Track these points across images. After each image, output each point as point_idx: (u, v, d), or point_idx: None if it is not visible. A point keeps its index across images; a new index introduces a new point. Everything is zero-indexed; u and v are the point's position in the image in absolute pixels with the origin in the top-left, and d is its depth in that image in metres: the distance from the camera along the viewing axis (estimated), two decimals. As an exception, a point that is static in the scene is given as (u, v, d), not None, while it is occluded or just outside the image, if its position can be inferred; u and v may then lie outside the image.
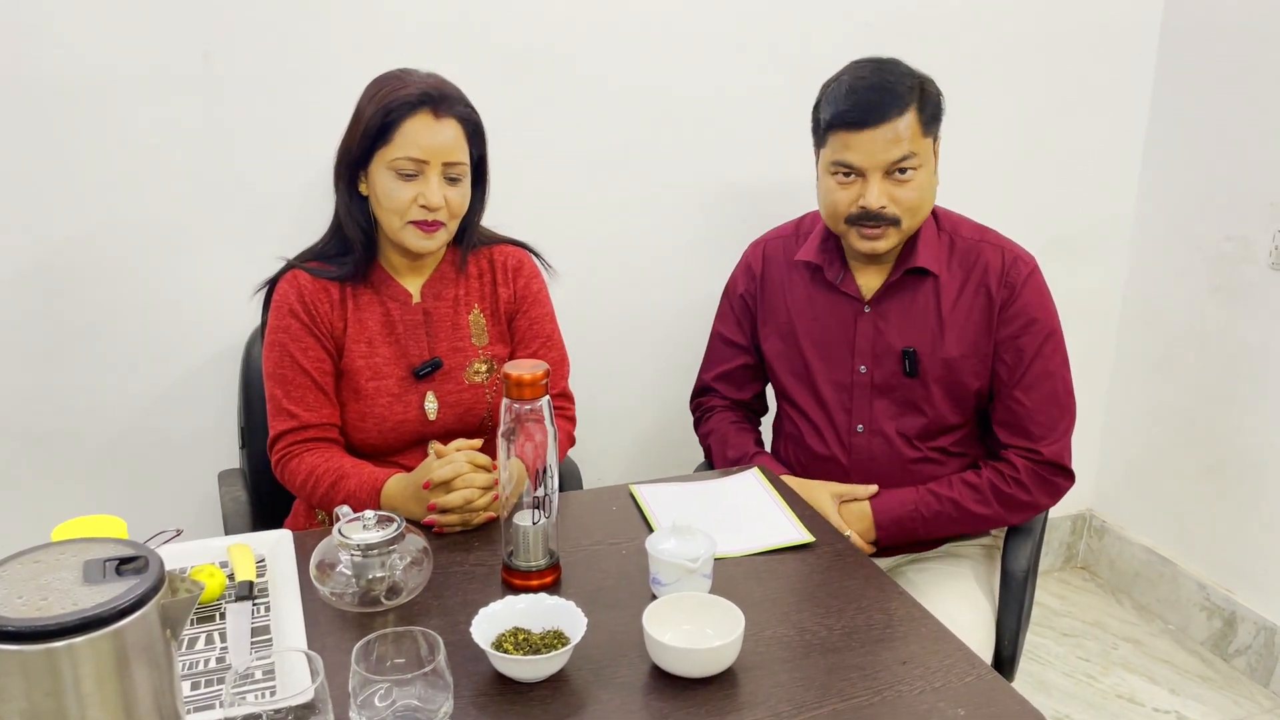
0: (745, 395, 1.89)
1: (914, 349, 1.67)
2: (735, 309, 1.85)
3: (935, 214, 1.71)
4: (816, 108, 1.66)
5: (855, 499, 1.68)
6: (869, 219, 1.60)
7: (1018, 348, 1.65)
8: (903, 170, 1.58)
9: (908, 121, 1.57)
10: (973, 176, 2.38)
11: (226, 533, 1.64)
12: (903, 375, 1.68)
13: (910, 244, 1.67)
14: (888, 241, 1.62)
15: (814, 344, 1.74)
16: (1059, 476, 1.68)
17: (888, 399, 1.70)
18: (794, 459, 1.80)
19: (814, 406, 1.75)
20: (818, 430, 1.75)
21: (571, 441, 1.75)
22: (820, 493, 1.66)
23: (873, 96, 1.56)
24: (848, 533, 1.64)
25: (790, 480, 1.68)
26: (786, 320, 1.77)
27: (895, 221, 1.60)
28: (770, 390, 1.93)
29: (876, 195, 1.58)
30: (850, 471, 1.73)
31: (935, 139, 1.65)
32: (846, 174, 1.60)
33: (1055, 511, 2.16)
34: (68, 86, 1.77)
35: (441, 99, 1.50)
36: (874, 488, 1.69)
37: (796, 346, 1.76)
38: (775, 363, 1.80)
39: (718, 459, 1.82)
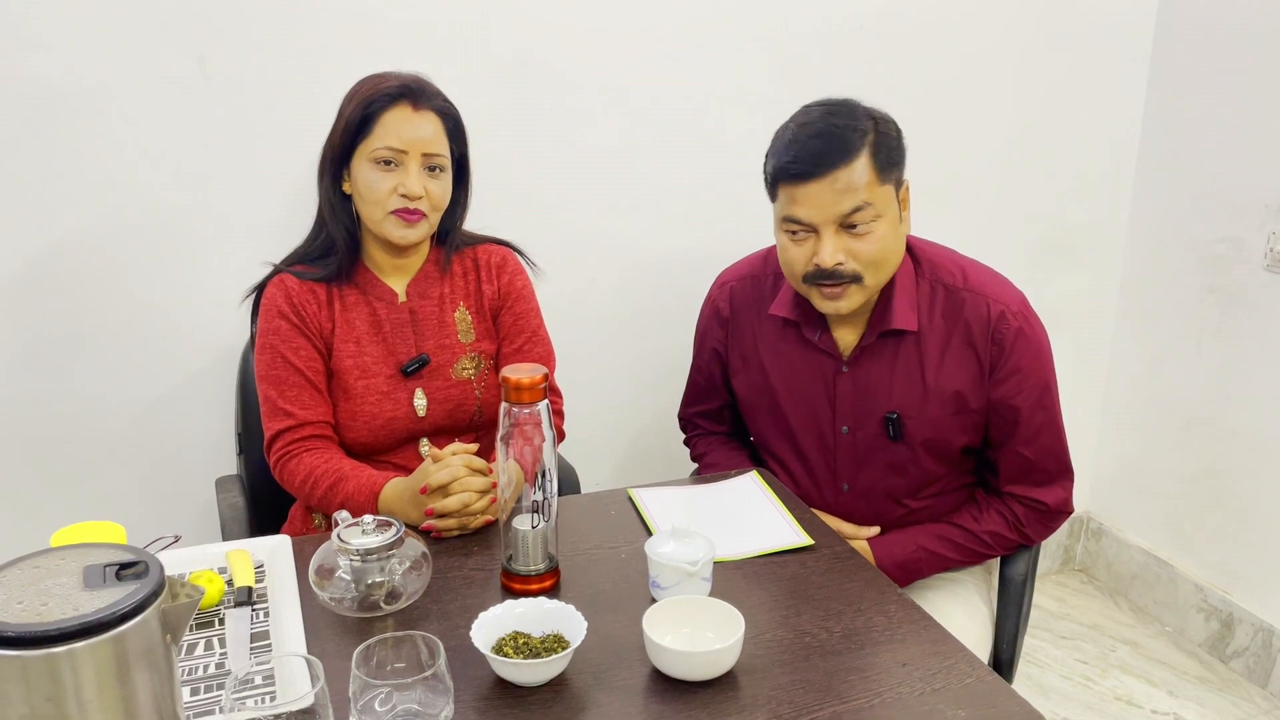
0: (725, 428, 1.87)
1: (897, 414, 1.58)
2: (706, 358, 1.78)
3: (914, 254, 1.59)
4: (765, 160, 1.55)
5: (856, 539, 1.65)
6: (826, 277, 1.48)
7: (1014, 406, 1.56)
8: (857, 224, 1.45)
9: (859, 169, 1.43)
10: (968, 179, 2.40)
11: (224, 539, 1.64)
12: (886, 439, 1.60)
13: (885, 299, 1.55)
14: (850, 301, 1.50)
15: (793, 401, 1.66)
16: (1059, 519, 1.66)
17: (872, 461, 1.63)
18: None
19: (797, 463, 1.70)
20: (801, 488, 1.70)
21: (561, 436, 1.75)
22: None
23: (817, 145, 1.44)
24: None
25: None
26: (761, 372, 1.68)
27: (856, 278, 1.48)
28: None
29: (831, 252, 1.45)
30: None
31: (899, 185, 1.50)
32: (798, 230, 1.48)
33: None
34: (62, 91, 1.76)
35: (420, 92, 1.54)
36: (875, 530, 1.66)
37: (774, 401, 1.68)
38: (752, 412, 1.74)
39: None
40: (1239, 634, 2.46)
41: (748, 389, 1.72)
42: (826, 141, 1.43)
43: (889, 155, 1.47)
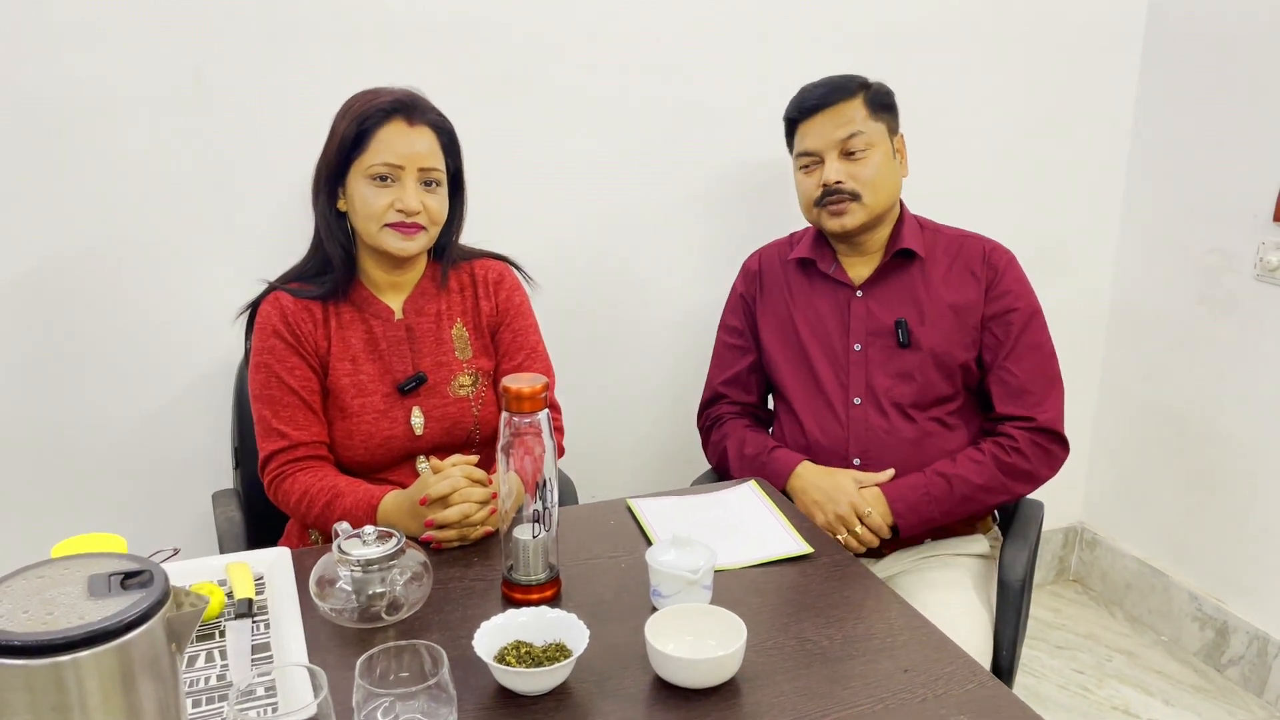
0: (753, 398, 1.95)
1: (905, 320, 1.78)
2: (737, 309, 1.95)
3: (919, 221, 1.86)
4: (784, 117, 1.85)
5: (871, 485, 1.73)
6: (831, 195, 1.75)
7: (1006, 322, 1.76)
8: (854, 151, 1.75)
9: (854, 106, 1.75)
10: (957, 191, 2.41)
11: (221, 553, 1.63)
12: (896, 346, 1.78)
13: (896, 234, 1.82)
14: (854, 217, 1.76)
15: (810, 329, 1.84)
16: (1055, 445, 1.75)
17: (882, 371, 1.79)
18: (796, 448, 1.84)
19: (811, 387, 1.83)
20: (815, 410, 1.82)
21: (561, 452, 1.75)
22: (843, 478, 1.73)
23: (820, 89, 1.78)
24: (868, 510, 1.69)
25: (811, 467, 1.75)
26: (785, 312, 1.88)
27: (856, 196, 1.75)
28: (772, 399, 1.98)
29: (834, 171, 1.74)
30: (850, 445, 1.78)
31: (892, 133, 1.80)
32: (809, 163, 1.79)
33: (1047, 524, 2.18)
34: (57, 105, 1.77)
35: (414, 107, 1.54)
36: (890, 472, 1.75)
37: (794, 335, 1.86)
38: (774, 354, 1.88)
39: (734, 459, 1.85)
40: (1234, 642, 2.46)
41: (770, 330, 1.89)
42: (827, 87, 1.78)
43: (880, 101, 1.78)
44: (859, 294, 1.82)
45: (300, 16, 1.86)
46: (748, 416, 1.94)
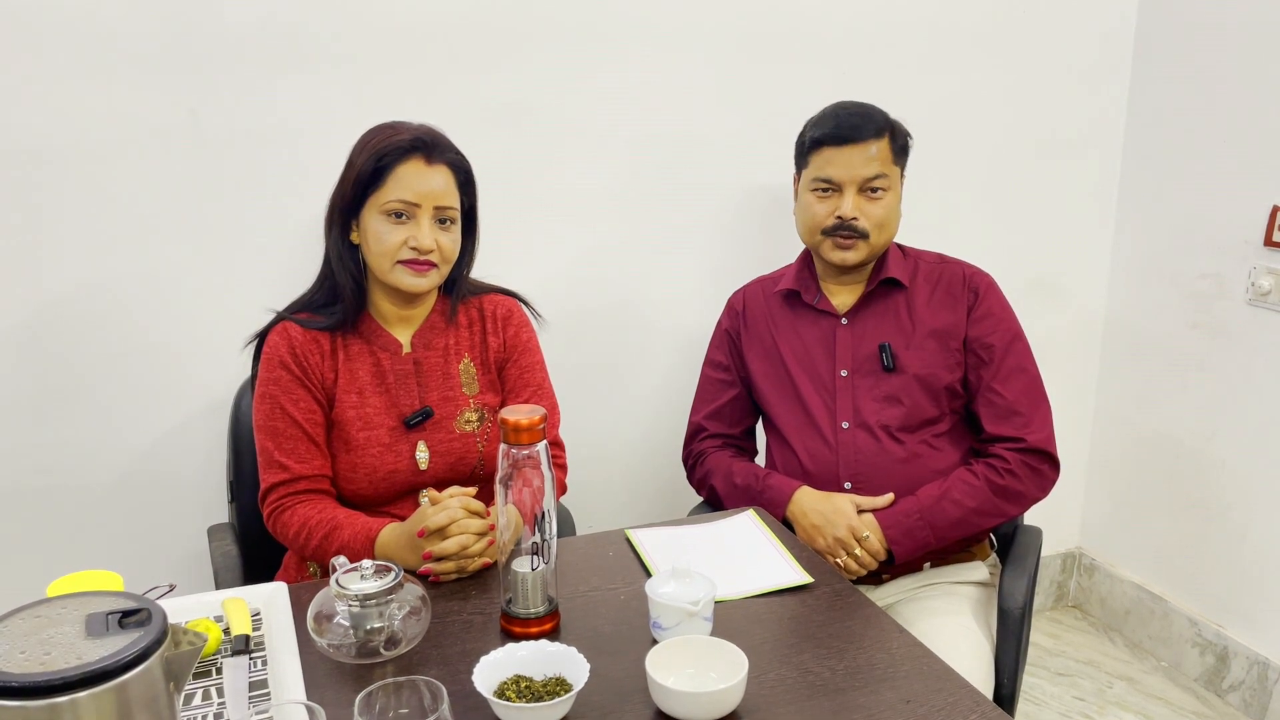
0: (736, 430, 1.95)
1: (888, 344, 1.80)
2: (722, 344, 1.96)
3: (901, 248, 1.88)
4: (801, 134, 1.85)
5: (872, 509, 1.74)
6: (843, 229, 1.76)
7: (988, 344, 1.78)
8: (874, 189, 1.76)
9: (881, 146, 1.76)
10: (953, 216, 2.43)
11: (217, 588, 1.62)
12: (881, 370, 1.80)
13: (880, 263, 1.84)
14: (857, 253, 1.78)
15: (797, 358, 1.86)
16: (1046, 465, 1.76)
17: (869, 395, 1.80)
18: (788, 474, 1.84)
19: (800, 414, 1.84)
20: (805, 436, 1.82)
21: (563, 489, 1.75)
22: (842, 501, 1.73)
23: (855, 119, 1.76)
24: (865, 533, 1.70)
25: (809, 492, 1.75)
26: (770, 343, 1.89)
27: (865, 235, 1.76)
28: (759, 429, 1.98)
29: (851, 206, 1.75)
30: (840, 469, 1.79)
31: (902, 173, 1.83)
32: (825, 190, 1.78)
33: (1045, 549, 2.18)
34: (57, 142, 1.77)
35: (433, 145, 1.54)
36: (889, 497, 1.74)
37: (781, 364, 1.87)
38: (762, 383, 1.89)
39: (724, 492, 1.85)
40: (1234, 668, 2.46)
41: (757, 361, 1.90)
42: (861, 119, 1.77)
43: (902, 144, 1.82)
44: (844, 322, 1.84)
45: (291, 52, 1.87)
46: (729, 449, 1.94)
